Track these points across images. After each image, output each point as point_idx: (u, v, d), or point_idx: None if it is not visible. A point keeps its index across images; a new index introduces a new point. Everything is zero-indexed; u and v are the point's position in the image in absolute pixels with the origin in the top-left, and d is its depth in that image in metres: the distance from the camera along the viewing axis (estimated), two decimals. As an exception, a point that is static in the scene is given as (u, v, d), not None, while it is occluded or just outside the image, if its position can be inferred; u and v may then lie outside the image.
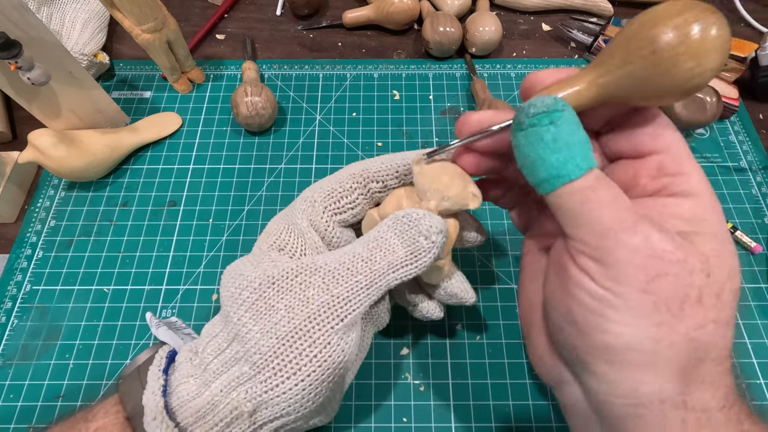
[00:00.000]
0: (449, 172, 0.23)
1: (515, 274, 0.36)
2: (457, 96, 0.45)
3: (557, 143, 0.18)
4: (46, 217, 0.38)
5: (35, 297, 0.35)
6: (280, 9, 0.52)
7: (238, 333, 0.21)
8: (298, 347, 0.20)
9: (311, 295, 0.21)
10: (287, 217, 0.24)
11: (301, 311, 0.20)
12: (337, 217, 0.24)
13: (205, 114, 0.44)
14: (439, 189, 0.22)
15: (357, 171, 0.24)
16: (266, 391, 0.20)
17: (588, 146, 0.18)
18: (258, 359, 0.20)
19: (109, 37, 0.49)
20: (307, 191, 0.25)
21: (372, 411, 0.31)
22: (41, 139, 0.36)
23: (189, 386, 0.21)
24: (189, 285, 0.36)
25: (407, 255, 0.21)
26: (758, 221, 0.38)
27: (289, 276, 0.21)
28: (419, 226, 0.21)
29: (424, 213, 0.21)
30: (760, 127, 0.43)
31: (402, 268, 0.21)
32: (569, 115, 0.18)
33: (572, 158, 0.18)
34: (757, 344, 0.33)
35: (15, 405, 0.31)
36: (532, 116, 0.18)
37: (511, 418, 0.31)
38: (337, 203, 0.24)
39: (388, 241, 0.22)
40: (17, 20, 0.30)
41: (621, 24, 0.47)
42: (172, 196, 0.40)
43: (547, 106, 0.18)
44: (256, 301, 0.21)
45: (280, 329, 0.20)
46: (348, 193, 0.24)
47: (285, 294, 0.21)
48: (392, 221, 0.22)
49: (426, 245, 0.21)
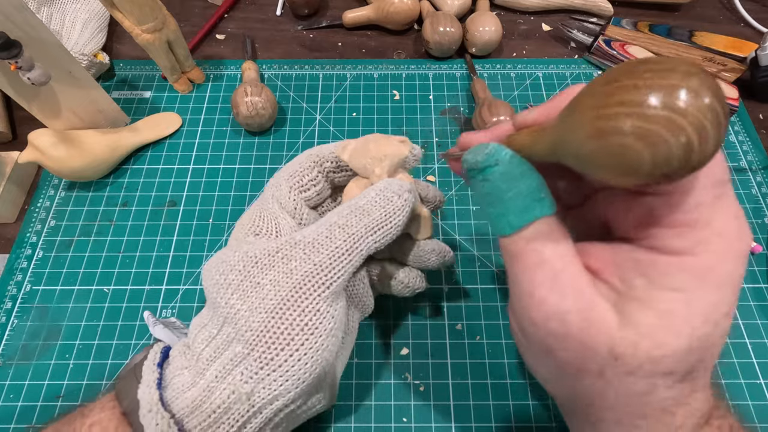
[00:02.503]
0: (371, 140, 0.26)
1: (515, 274, 0.36)
2: (457, 96, 0.45)
3: (491, 197, 0.17)
4: (46, 217, 0.38)
5: (35, 297, 0.35)
6: (280, 9, 0.52)
7: (227, 316, 0.21)
8: (288, 318, 0.20)
9: (294, 267, 0.21)
10: (258, 206, 0.26)
11: (286, 283, 0.21)
12: (303, 194, 0.26)
13: (205, 114, 0.44)
14: (373, 155, 0.25)
15: (312, 152, 0.27)
16: (262, 368, 0.20)
17: (530, 197, 0.17)
18: (250, 336, 0.20)
19: (109, 37, 0.49)
20: (272, 178, 0.27)
21: (372, 411, 0.31)
22: (41, 139, 0.36)
23: (183, 377, 0.21)
24: (189, 285, 0.36)
25: (382, 216, 0.23)
26: (758, 221, 0.38)
27: (271, 253, 0.22)
28: (390, 188, 0.23)
29: (390, 180, 0.24)
30: (760, 127, 0.43)
31: (379, 230, 0.22)
32: (504, 168, 0.17)
33: (504, 215, 0.17)
34: (757, 344, 0.33)
35: (15, 405, 0.31)
36: (467, 169, 0.18)
37: (511, 418, 0.31)
38: (300, 181, 0.26)
39: (362, 206, 0.23)
40: (17, 20, 0.30)
41: (621, 24, 0.47)
42: (172, 196, 0.40)
43: (478, 161, 0.17)
44: (242, 281, 0.21)
45: (267, 303, 0.20)
46: (308, 171, 0.26)
47: (269, 270, 0.21)
48: (366, 192, 0.23)
49: (399, 203, 0.23)
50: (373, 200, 0.23)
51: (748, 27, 0.50)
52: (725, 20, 0.51)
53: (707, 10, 0.52)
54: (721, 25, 0.51)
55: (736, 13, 0.51)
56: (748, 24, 0.50)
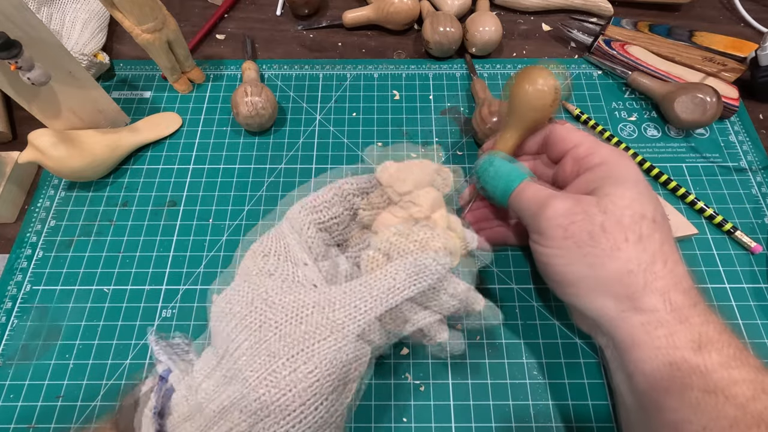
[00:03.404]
0: (415, 167, 0.25)
1: (515, 274, 0.36)
2: (457, 96, 0.45)
3: (497, 177, 0.30)
4: (46, 217, 0.38)
5: (35, 297, 0.35)
6: (280, 9, 0.52)
7: (234, 378, 0.20)
8: (292, 364, 0.20)
9: (308, 315, 0.21)
10: (274, 238, 0.24)
11: (297, 328, 0.20)
12: (314, 215, 0.25)
13: (205, 114, 0.44)
14: (417, 185, 0.24)
15: (336, 184, 0.26)
16: (261, 408, 0.19)
17: (516, 170, 0.29)
18: (257, 408, 0.19)
19: (109, 37, 0.49)
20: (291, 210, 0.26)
21: (372, 411, 0.31)
22: (41, 139, 0.36)
23: (185, 430, 0.21)
24: (189, 285, 0.36)
25: (410, 276, 0.22)
26: (758, 221, 0.38)
27: (292, 322, 0.21)
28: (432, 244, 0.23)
29: (434, 232, 0.22)
30: (760, 127, 0.43)
31: (405, 290, 0.22)
32: (499, 159, 0.30)
33: (507, 182, 0.29)
34: (757, 344, 0.33)
35: (15, 405, 0.31)
36: (480, 167, 0.31)
37: (511, 418, 0.31)
38: (312, 203, 0.25)
39: (391, 266, 0.22)
40: (17, 20, 0.30)
41: (621, 24, 0.47)
42: (172, 196, 0.40)
43: (484, 159, 0.31)
44: (255, 345, 0.20)
45: (281, 380, 0.19)
46: (324, 192, 0.26)
47: (287, 341, 0.20)
48: (395, 239, 0.23)
49: (434, 267, 0.22)
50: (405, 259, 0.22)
51: (748, 27, 0.50)
52: (725, 20, 0.51)
53: (707, 10, 0.52)
54: (721, 25, 0.51)
55: (736, 13, 0.51)
56: (748, 24, 0.50)
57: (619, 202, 0.25)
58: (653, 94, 0.43)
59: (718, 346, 0.23)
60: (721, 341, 0.23)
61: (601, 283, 0.25)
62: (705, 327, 0.23)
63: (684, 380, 0.22)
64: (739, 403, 0.21)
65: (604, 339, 0.27)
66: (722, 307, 0.34)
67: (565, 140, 0.30)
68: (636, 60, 0.45)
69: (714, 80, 0.43)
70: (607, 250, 0.24)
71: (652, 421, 0.24)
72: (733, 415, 0.21)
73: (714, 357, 0.22)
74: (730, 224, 0.37)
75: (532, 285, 0.36)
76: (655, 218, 0.25)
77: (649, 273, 0.24)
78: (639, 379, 0.24)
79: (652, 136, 0.43)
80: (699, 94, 0.39)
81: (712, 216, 0.37)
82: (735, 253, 0.37)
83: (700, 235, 0.37)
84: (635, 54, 0.45)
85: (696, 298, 0.24)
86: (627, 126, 0.43)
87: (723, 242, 0.37)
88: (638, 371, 0.24)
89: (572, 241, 0.25)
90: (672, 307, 0.24)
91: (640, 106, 0.45)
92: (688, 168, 0.41)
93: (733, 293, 0.35)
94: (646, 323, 0.24)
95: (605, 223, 0.25)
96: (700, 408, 0.22)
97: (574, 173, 0.29)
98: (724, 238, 0.37)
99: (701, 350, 0.23)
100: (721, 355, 0.22)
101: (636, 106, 0.45)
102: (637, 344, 0.24)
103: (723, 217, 0.37)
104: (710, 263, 0.36)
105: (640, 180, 0.26)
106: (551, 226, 0.26)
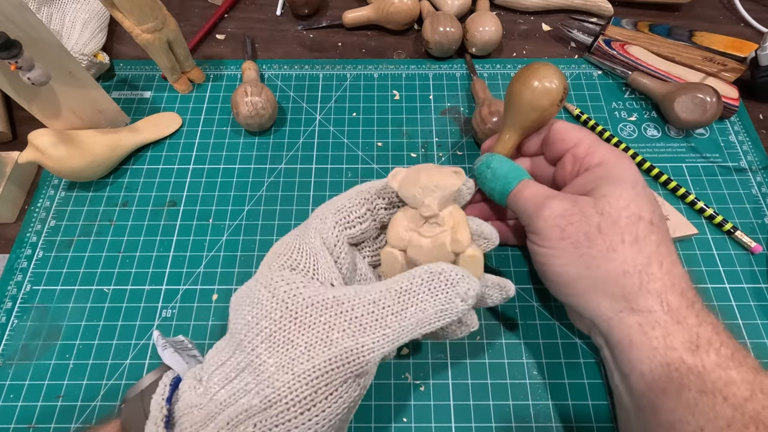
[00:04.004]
0: (423, 169, 0.25)
1: (515, 274, 0.36)
2: (457, 96, 0.45)
3: (495, 177, 0.30)
4: (46, 217, 0.38)
5: (35, 297, 0.35)
6: (280, 9, 0.52)
7: (251, 363, 0.20)
8: (314, 386, 0.19)
9: (335, 338, 0.20)
10: (298, 236, 0.24)
11: (322, 352, 0.20)
12: (347, 231, 0.25)
13: (205, 114, 0.44)
14: (424, 185, 0.24)
15: (364, 188, 0.26)
16: (276, 425, 0.19)
17: (514, 170, 0.30)
18: (270, 393, 0.19)
19: (109, 37, 0.49)
20: (318, 209, 0.26)
21: (372, 411, 0.31)
22: (41, 139, 0.36)
23: (193, 417, 0.20)
24: (189, 285, 0.36)
25: (437, 313, 0.21)
26: (758, 221, 0.38)
27: (312, 313, 0.21)
28: (457, 288, 0.21)
29: (462, 274, 0.21)
30: (760, 127, 0.43)
31: (430, 325, 0.21)
32: (497, 160, 0.30)
33: (505, 183, 0.29)
34: (757, 344, 0.33)
35: (15, 405, 0.31)
36: (478, 168, 0.31)
37: (511, 418, 0.31)
38: (346, 217, 0.25)
39: (420, 297, 0.21)
40: (17, 20, 0.30)
41: (621, 24, 0.47)
42: (172, 196, 0.40)
43: (482, 161, 0.31)
44: (274, 332, 0.20)
45: (297, 367, 0.20)
46: (357, 207, 0.25)
47: (306, 330, 0.20)
48: (428, 276, 0.22)
49: (461, 307, 0.21)
50: (435, 297, 0.21)
51: (748, 27, 0.50)
52: (725, 20, 0.51)
53: (707, 10, 0.52)
54: (721, 25, 0.51)
55: (736, 13, 0.51)
56: (748, 24, 0.50)
57: (616, 204, 0.25)
58: (653, 94, 0.43)
59: (716, 346, 0.23)
60: (718, 342, 0.23)
61: (597, 284, 0.25)
62: (702, 328, 0.23)
63: (680, 381, 0.22)
64: (736, 404, 0.21)
65: (601, 339, 0.27)
66: (722, 307, 0.34)
67: (565, 139, 0.30)
68: (636, 60, 0.45)
69: (714, 80, 0.43)
70: (603, 251, 0.25)
71: (649, 422, 0.24)
72: (730, 415, 0.21)
73: (711, 357, 0.22)
74: (730, 224, 0.37)
75: (532, 285, 0.36)
76: (653, 220, 0.25)
77: (645, 274, 0.24)
78: (635, 379, 0.24)
79: (652, 136, 0.43)
80: (699, 94, 0.39)
81: (712, 216, 0.37)
82: (735, 253, 0.37)
83: (700, 235, 0.37)
84: (635, 54, 0.45)
85: (693, 299, 0.24)
86: (627, 126, 0.43)
87: (723, 242, 0.37)
88: (635, 372, 0.24)
89: (569, 242, 0.26)
90: (668, 308, 0.24)
91: (640, 106, 0.45)
92: (688, 168, 0.41)
93: (733, 293, 0.35)
94: (643, 323, 0.24)
95: (602, 224, 0.25)
96: (697, 408, 0.22)
97: (574, 173, 0.29)
98: (724, 238, 0.37)
99: (698, 351, 0.23)
100: (719, 356, 0.22)
101: (636, 106, 0.45)
102: (634, 345, 0.24)
103: (723, 217, 0.37)
104: (710, 263, 0.36)
105: (638, 181, 0.27)
106: (548, 226, 0.26)
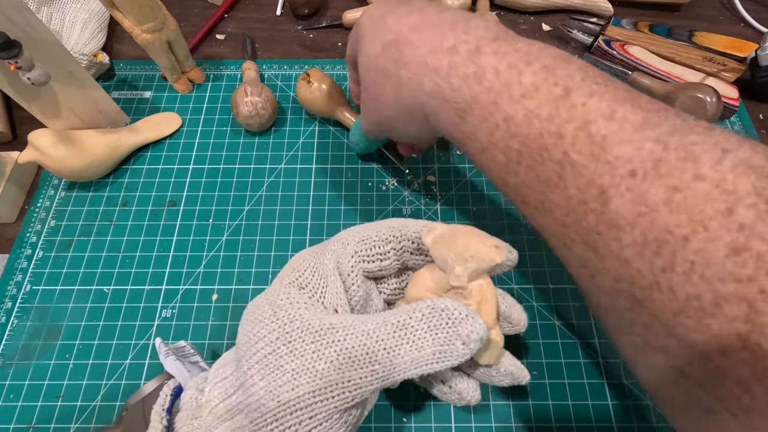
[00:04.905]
0: (463, 232, 0.22)
1: (515, 274, 0.36)
2: (457, 96, 0.45)
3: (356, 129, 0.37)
4: (46, 217, 0.38)
5: (35, 297, 0.35)
6: (280, 9, 0.52)
7: (245, 383, 0.20)
8: (299, 417, 0.19)
9: (321, 370, 0.19)
10: (316, 254, 0.23)
11: (307, 383, 0.19)
12: (364, 264, 0.23)
13: (205, 114, 0.44)
14: (459, 251, 0.21)
15: (396, 225, 0.24)
16: (262, 417, 0.19)
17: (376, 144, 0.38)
18: (257, 417, 0.19)
19: (109, 37, 0.49)
20: (343, 233, 0.24)
21: (372, 411, 0.31)
22: (41, 139, 0.36)
23: (193, 428, 0.20)
24: (189, 285, 0.36)
25: (435, 354, 0.19)
26: (758, 221, 0.38)
27: (305, 339, 0.20)
28: (459, 329, 0.19)
29: (468, 313, 0.19)
30: (760, 127, 0.43)
31: (426, 366, 0.19)
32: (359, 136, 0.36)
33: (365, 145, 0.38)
34: (757, 344, 0.33)
35: (15, 405, 0.31)
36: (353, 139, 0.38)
37: (510, 418, 0.31)
38: (368, 251, 0.23)
39: (418, 334, 0.19)
40: (17, 20, 0.30)
41: (621, 24, 0.47)
42: (172, 196, 0.40)
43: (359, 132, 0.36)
44: (268, 354, 0.20)
45: (283, 394, 0.19)
46: (382, 243, 0.23)
47: (296, 357, 0.20)
48: (429, 311, 0.20)
49: (462, 351, 0.19)
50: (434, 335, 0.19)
51: (748, 27, 0.50)
52: (725, 20, 0.51)
53: (707, 10, 0.52)
54: (721, 25, 0.51)
55: (736, 13, 0.51)
56: (748, 24, 0.50)
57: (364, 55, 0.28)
58: (653, 94, 0.43)
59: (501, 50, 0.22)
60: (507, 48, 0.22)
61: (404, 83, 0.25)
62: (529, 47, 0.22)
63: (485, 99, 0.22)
64: None
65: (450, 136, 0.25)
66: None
67: None
68: (636, 60, 0.45)
69: (714, 80, 0.43)
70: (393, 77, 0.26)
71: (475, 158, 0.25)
72: None
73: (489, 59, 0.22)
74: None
75: (532, 285, 0.36)
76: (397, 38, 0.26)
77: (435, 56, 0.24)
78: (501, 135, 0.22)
79: (652, 136, 0.43)
80: (699, 94, 0.39)
81: (712, 216, 0.37)
82: (735, 253, 0.37)
83: (700, 235, 0.37)
84: (635, 54, 0.45)
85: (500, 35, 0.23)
86: (627, 126, 0.43)
87: (723, 242, 0.37)
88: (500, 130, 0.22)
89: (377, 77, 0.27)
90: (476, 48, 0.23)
91: (640, 106, 0.45)
92: (688, 168, 0.41)
93: (733, 293, 0.35)
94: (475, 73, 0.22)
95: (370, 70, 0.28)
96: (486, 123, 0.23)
97: None
98: (724, 238, 0.37)
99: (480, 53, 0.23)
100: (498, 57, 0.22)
101: (636, 106, 0.45)
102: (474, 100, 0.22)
103: (723, 217, 0.37)
104: (710, 263, 0.36)
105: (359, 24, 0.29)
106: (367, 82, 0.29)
